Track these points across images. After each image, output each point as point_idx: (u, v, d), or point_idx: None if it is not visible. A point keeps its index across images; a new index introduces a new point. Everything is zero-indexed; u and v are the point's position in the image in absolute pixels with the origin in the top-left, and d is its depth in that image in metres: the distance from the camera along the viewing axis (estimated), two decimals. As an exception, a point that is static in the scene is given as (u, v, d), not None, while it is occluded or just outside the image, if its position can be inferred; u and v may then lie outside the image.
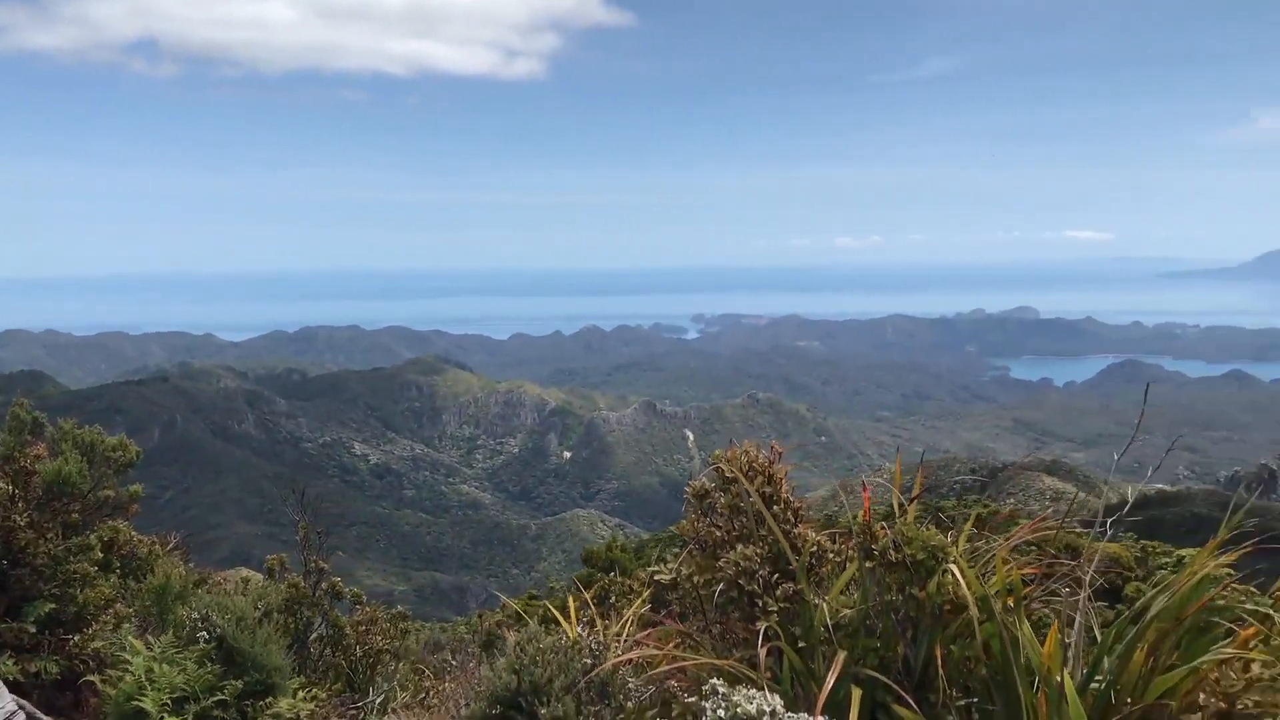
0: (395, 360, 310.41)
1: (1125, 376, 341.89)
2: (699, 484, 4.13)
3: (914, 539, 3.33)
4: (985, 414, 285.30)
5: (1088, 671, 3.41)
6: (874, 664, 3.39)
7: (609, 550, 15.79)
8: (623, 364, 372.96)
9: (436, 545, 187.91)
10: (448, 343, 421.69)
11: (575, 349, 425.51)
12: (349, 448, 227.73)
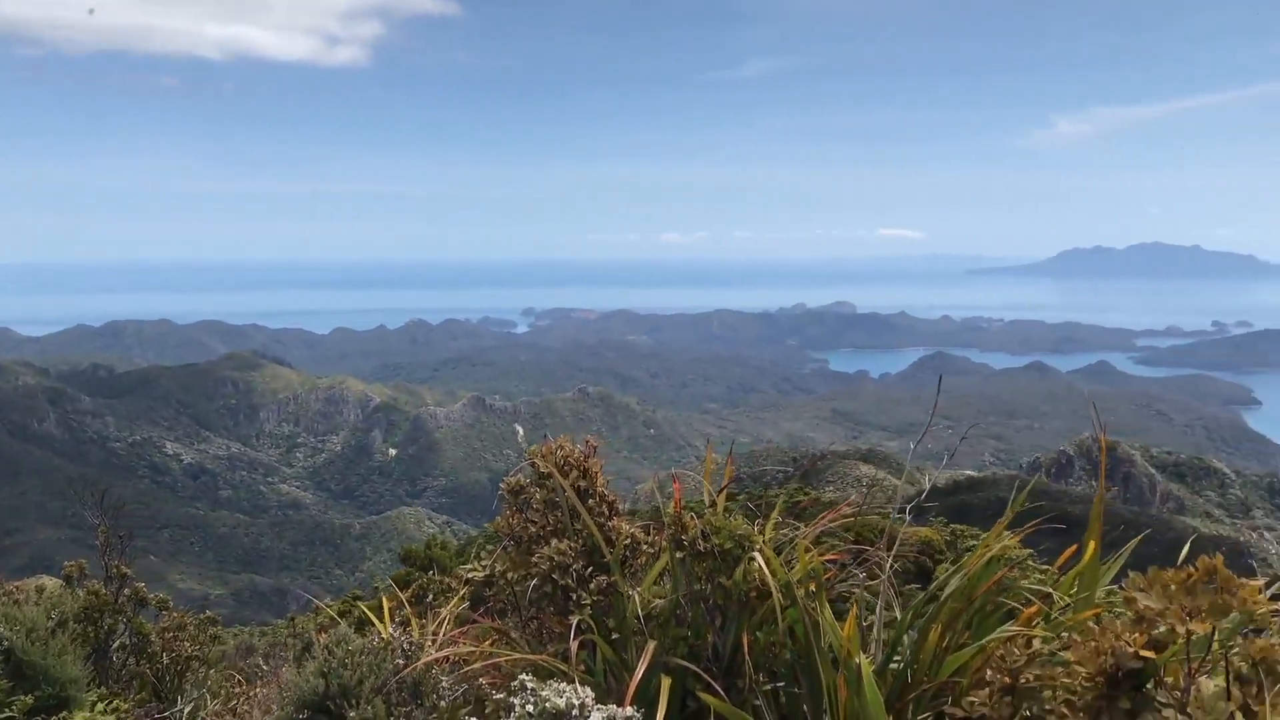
0: (209, 355, 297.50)
1: (936, 368, 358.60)
2: (514, 480, 4.12)
3: (722, 529, 3.40)
4: (806, 405, 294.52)
5: (887, 652, 3.57)
6: (684, 652, 3.46)
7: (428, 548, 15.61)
8: (450, 358, 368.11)
9: (255, 547, 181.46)
10: (266, 337, 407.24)
11: (401, 343, 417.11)
12: (160, 447, 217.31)
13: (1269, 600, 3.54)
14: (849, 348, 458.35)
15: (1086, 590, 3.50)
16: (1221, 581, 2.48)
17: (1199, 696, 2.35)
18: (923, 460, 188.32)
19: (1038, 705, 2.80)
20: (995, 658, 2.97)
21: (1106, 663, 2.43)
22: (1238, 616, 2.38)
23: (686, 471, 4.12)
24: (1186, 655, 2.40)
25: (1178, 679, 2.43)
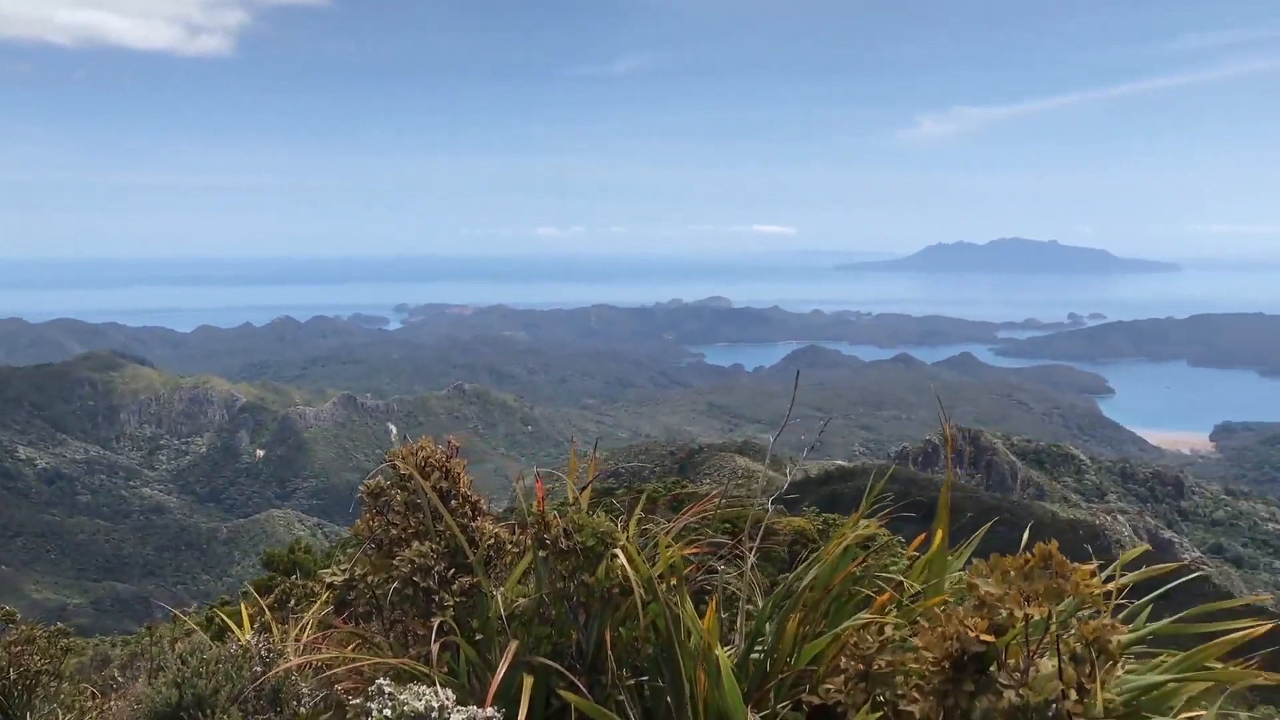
0: (64, 355, 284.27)
1: (808, 361, 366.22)
2: (373, 482, 4.05)
3: (584, 526, 3.41)
4: (683, 399, 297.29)
5: (748, 642, 3.62)
6: (548, 651, 3.45)
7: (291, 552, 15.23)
8: (320, 356, 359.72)
9: (117, 553, 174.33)
10: (125, 336, 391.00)
11: (268, 341, 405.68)
12: (12, 451, 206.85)
13: (1101, 583, 3.73)
14: (724, 342, 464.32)
15: (936, 577, 3.62)
16: (1056, 567, 2.57)
17: (1037, 676, 2.44)
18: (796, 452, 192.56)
19: (890, 690, 2.87)
20: (849, 645, 3.03)
21: (952, 647, 2.51)
22: (1072, 600, 2.51)
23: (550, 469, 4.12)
24: (1025, 638, 2.50)
25: (1019, 660, 2.51)
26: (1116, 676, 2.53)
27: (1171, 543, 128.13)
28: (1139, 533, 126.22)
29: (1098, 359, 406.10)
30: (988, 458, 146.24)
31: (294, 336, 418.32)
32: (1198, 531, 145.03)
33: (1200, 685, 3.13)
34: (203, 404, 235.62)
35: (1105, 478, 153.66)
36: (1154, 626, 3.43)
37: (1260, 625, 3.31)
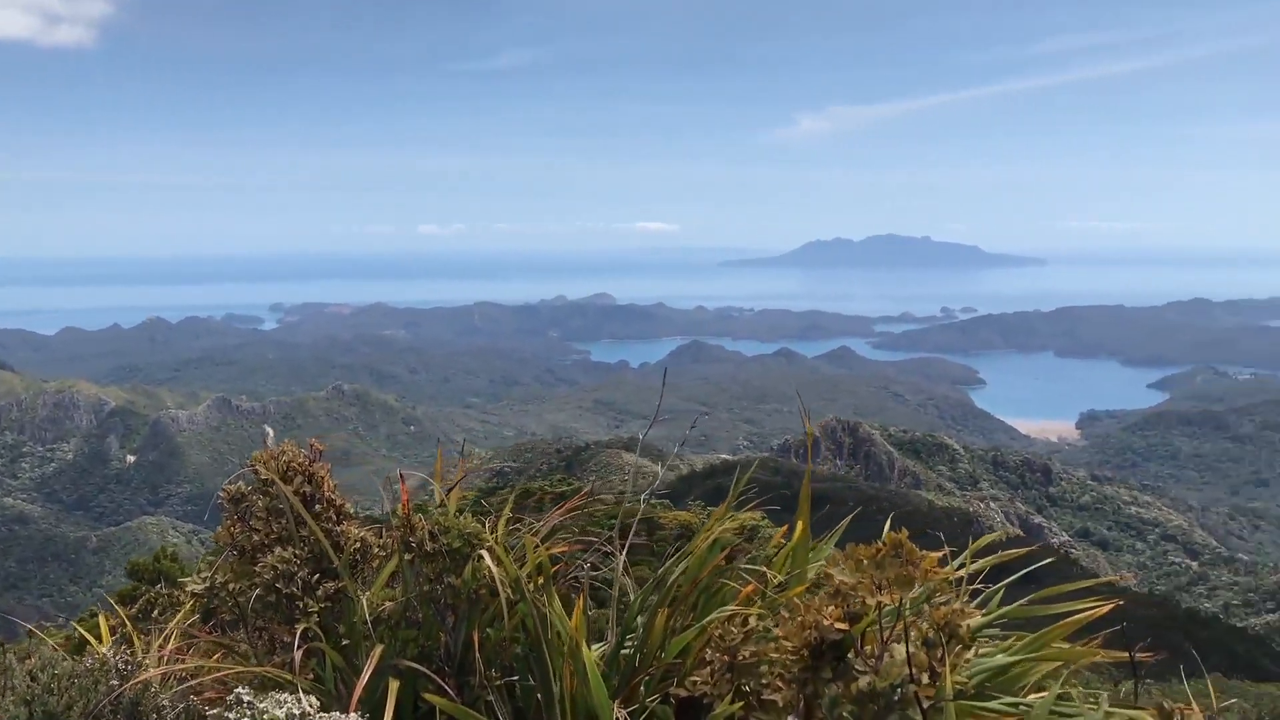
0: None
1: (692, 356, 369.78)
2: (233, 488, 3.95)
3: (451, 528, 3.39)
4: (569, 396, 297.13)
5: (619, 638, 3.65)
6: (414, 654, 3.42)
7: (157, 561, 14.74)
8: (193, 358, 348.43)
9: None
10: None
11: (137, 343, 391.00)
12: None
13: (950, 570, 3.86)
14: (609, 339, 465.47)
15: (798, 567, 3.69)
16: (906, 555, 2.65)
17: (886, 662, 2.52)
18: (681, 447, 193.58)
19: (754, 680, 2.89)
20: (715, 637, 3.04)
21: (811, 636, 2.59)
22: (928, 586, 2.58)
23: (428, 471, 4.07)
24: (879, 625, 2.57)
25: (875, 647, 2.57)
26: (967, 659, 2.60)
27: (1041, 527, 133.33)
28: (1010, 518, 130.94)
29: (969, 351, 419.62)
30: (866, 448, 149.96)
31: (165, 338, 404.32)
32: (1066, 516, 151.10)
33: (1048, 665, 3.20)
34: (68, 409, 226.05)
35: (978, 466, 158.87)
36: (1004, 610, 3.57)
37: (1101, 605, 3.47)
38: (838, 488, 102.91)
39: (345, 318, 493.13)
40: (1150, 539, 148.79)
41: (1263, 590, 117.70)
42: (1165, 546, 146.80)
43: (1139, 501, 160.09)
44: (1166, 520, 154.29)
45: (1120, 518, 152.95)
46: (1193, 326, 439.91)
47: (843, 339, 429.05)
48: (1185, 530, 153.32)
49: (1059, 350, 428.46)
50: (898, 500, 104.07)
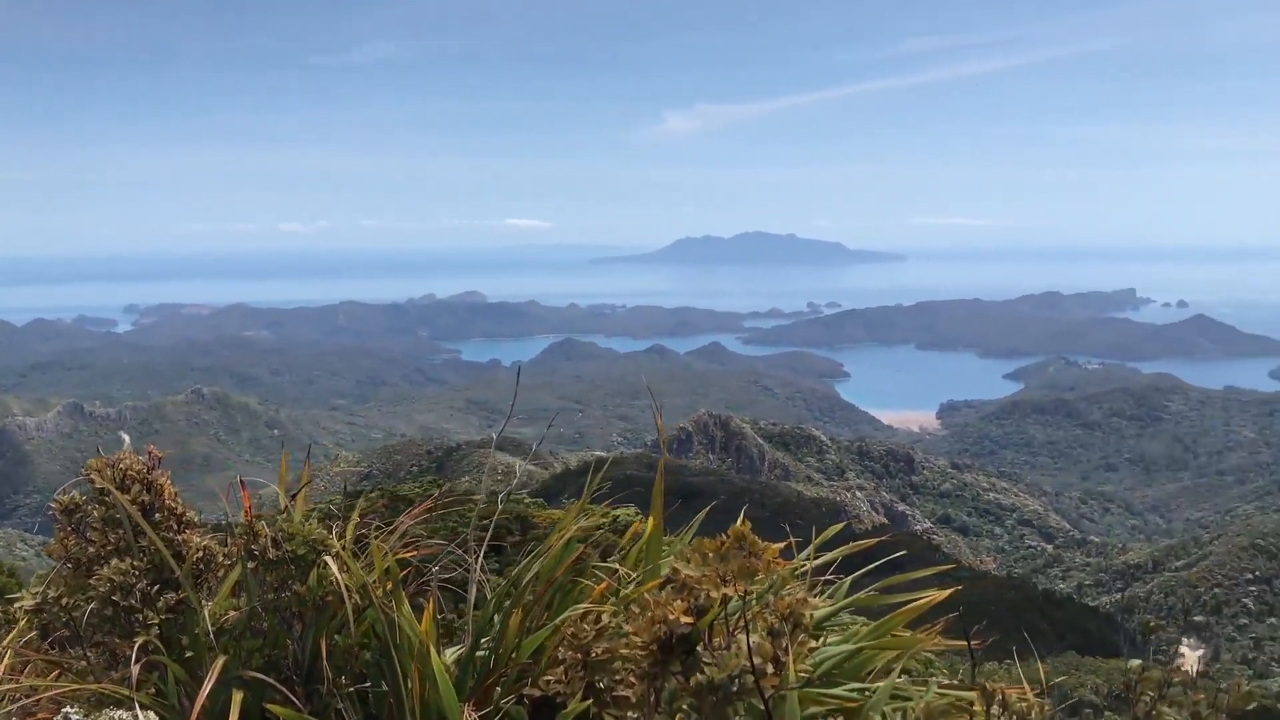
0: None
1: (564, 354, 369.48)
2: (65, 498, 3.76)
3: (295, 534, 3.29)
4: (439, 396, 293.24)
5: (474, 640, 3.60)
6: (260, 664, 3.31)
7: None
8: (41, 362, 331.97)
9: None
10: None
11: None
12: None
13: (785, 560, 3.94)
14: (481, 337, 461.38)
15: (652, 562, 3.71)
16: (749, 547, 2.69)
17: (722, 654, 2.54)
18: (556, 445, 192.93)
19: (608, 676, 2.92)
20: (568, 636, 3.04)
21: (660, 631, 2.58)
22: (779, 576, 2.60)
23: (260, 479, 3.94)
24: (725, 617, 2.58)
25: (723, 639, 2.57)
26: (811, 648, 2.59)
27: (905, 515, 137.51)
28: (876, 507, 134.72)
29: (835, 345, 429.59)
30: (738, 441, 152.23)
31: (10, 341, 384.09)
32: (928, 503, 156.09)
33: (891, 652, 3.30)
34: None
35: (844, 457, 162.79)
36: (852, 599, 3.65)
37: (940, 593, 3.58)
38: (710, 481, 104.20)
39: (204, 319, 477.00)
40: (1008, 524, 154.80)
41: (1112, 570, 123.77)
42: (1022, 531, 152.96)
43: (997, 488, 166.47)
44: (1023, 505, 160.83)
45: (979, 504, 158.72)
46: (1045, 319, 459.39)
47: (714, 335, 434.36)
48: (1040, 515, 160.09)
49: (919, 343, 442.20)
50: (768, 492, 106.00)
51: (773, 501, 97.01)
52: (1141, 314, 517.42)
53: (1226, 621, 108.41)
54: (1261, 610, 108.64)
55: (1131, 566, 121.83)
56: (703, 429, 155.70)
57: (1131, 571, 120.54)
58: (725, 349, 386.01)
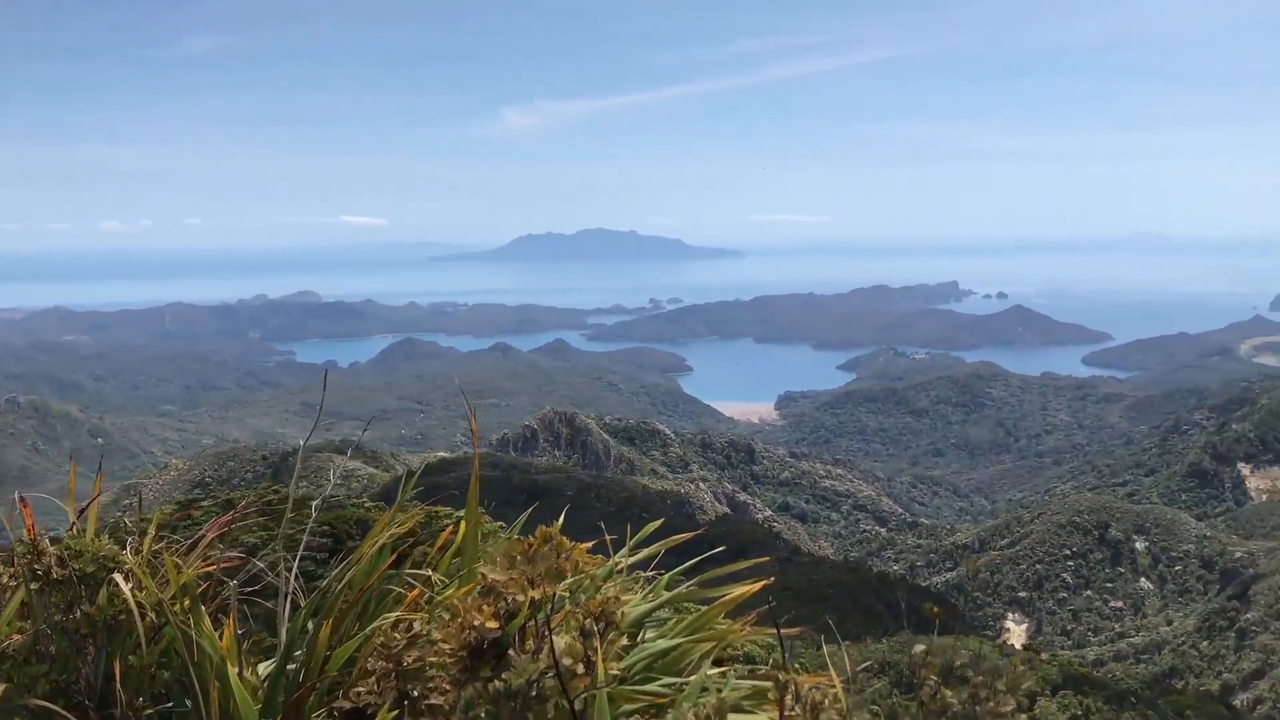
0: None
1: (404, 354, 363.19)
2: None
3: (83, 551, 3.10)
4: (273, 399, 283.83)
5: (283, 654, 3.43)
6: (46, 690, 3.11)
7: None
8: None
9: None
10: None
11: None
12: None
13: (621, 557, 3.91)
14: (316, 338, 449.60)
15: (469, 566, 3.61)
16: (557, 547, 2.65)
17: (525, 658, 2.51)
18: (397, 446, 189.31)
19: (421, 685, 2.83)
20: (378, 645, 2.97)
21: (470, 637, 2.54)
22: (581, 577, 2.58)
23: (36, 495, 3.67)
24: (535, 619, 2.55)
25: (535, 642, 2.53)
26: (623, 646, 2.60)
27: (747, 504, 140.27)
28: (719, 497, 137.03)
29: (677, 340, 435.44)
30: (583, 438, 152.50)
31: None
32: (769, 492, 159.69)
33: (707, 645, 3.29)
34: None
35: (688, 449, 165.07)
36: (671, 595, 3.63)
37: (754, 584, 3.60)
38: (556, 478, 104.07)
39: (18, 323, 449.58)
40: (844, 509, 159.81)
41: (941, 550, 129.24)
42: (857, 516, 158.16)
43: (833, 475, 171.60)
44: (858, 491, 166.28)
45: (817, 491, 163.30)
46: (875, 311, 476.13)
47: (557, 331, 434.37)
48: (874, 500, 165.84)
49: (758, 336, 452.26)
50: (614, 487, 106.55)
51: (619, 496, 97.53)
52: (964, 305, 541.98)
53: (1048, 596, 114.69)
54: (1079, 583, 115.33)
55: (960, 547, 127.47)
56: (548, 426, 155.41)
57: (960, 551, 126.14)
58: (570, 346, 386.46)
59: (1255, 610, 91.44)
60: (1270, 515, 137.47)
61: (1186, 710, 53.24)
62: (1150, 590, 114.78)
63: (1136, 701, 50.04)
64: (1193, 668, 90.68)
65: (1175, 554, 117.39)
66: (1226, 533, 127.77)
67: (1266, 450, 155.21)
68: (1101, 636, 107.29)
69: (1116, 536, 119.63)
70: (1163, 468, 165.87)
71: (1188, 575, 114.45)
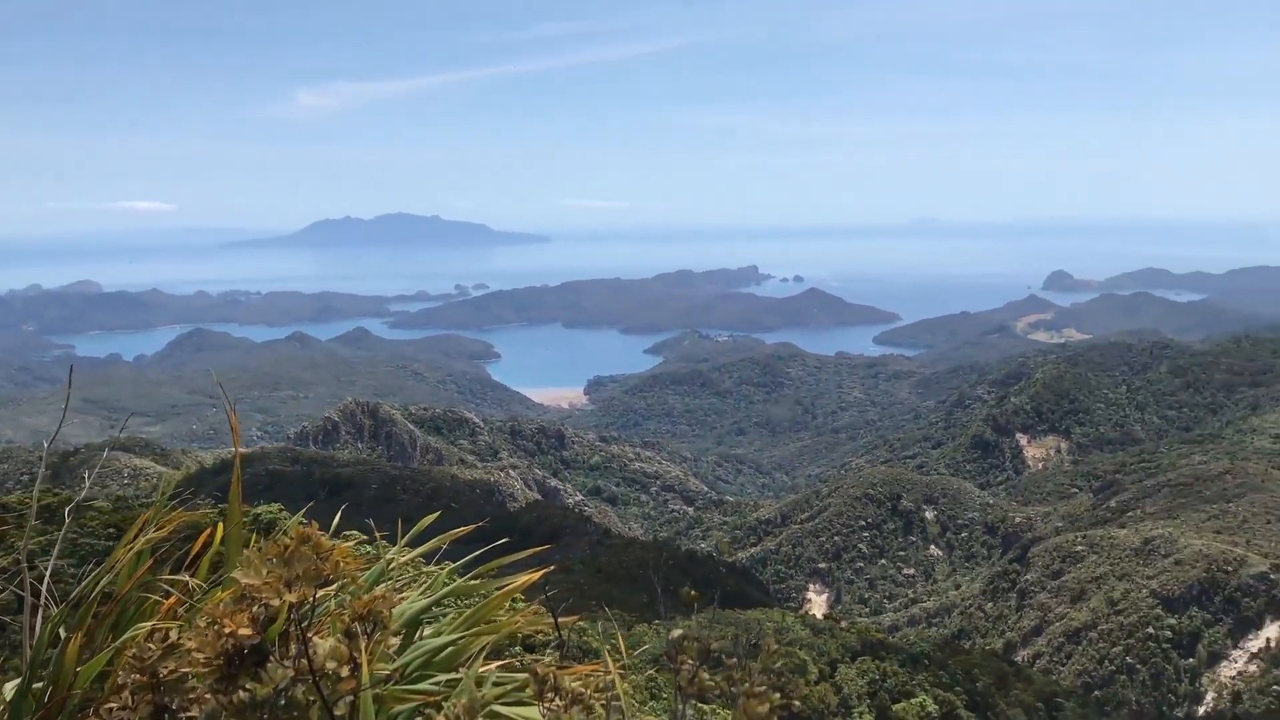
0: None
1: (195, 346, 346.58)
2: None
3: None
4: (51, 396, 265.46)
5: (29, 671, 3.17)
6: None
7: None
8: None
9: None
10: None
11: None
12: None
13: (401, 549, 3.75)
14: (97, 330, 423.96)
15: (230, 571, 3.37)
16: (316, 547, 2.55)
17: (315, 657, 2.41)
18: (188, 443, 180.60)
19: (180, 697, 2.73)
20: (130, 657, 2.84)
21: (227, 645, 2.44)
22: (349, 577, 2.53)
23: None
24: (295, 622, 2.46)
25: (297, 646, 2.45)
26: (392, 645, 2.55)
27: (558, 490, 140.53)
28: (530, 484, 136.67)
29: (484, 326, 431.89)
30: (388, 429, 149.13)
31: None
32: (579, 477, 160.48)
33: (487, 638, 3.18)
34: None
35: (497, 437, 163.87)
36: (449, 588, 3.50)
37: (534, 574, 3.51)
38: (360, 471, 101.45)
39: None
40: (653, 490, 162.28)
41: (746, 527, 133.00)
42: (666, 496, 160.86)
43: (642, 457, 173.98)
44: (666, 472, 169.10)
45: (627, 474, 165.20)
46: (679, 295, 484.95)
47: (358, 319, 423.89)
48: (682, 480, 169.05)
49: (566, 322, 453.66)
50: (421, 478, 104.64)
51: (426, 487, 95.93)
52: (764, 289, 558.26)
53: (846, 566, 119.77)
54: (874, 553, 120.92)
55: (763, 522, 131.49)
56: (350, 418, 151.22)
57: (763, 526, 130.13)
58: (371, 334, 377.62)
59: (1034, 572, 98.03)
60: (1046, 482, 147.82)
61: (974, 669, 56.59)
62: (940, 557, 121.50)
63: (929, 664, 52.82)
64: (979, 628, 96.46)
65: (961, 521, 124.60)
66: (1007, 500, 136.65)
67: (1041, 421, 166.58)
68: (896, 603, 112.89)
69: (908, 507, 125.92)
70: (948, 440, 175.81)
71: (973, 541, 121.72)
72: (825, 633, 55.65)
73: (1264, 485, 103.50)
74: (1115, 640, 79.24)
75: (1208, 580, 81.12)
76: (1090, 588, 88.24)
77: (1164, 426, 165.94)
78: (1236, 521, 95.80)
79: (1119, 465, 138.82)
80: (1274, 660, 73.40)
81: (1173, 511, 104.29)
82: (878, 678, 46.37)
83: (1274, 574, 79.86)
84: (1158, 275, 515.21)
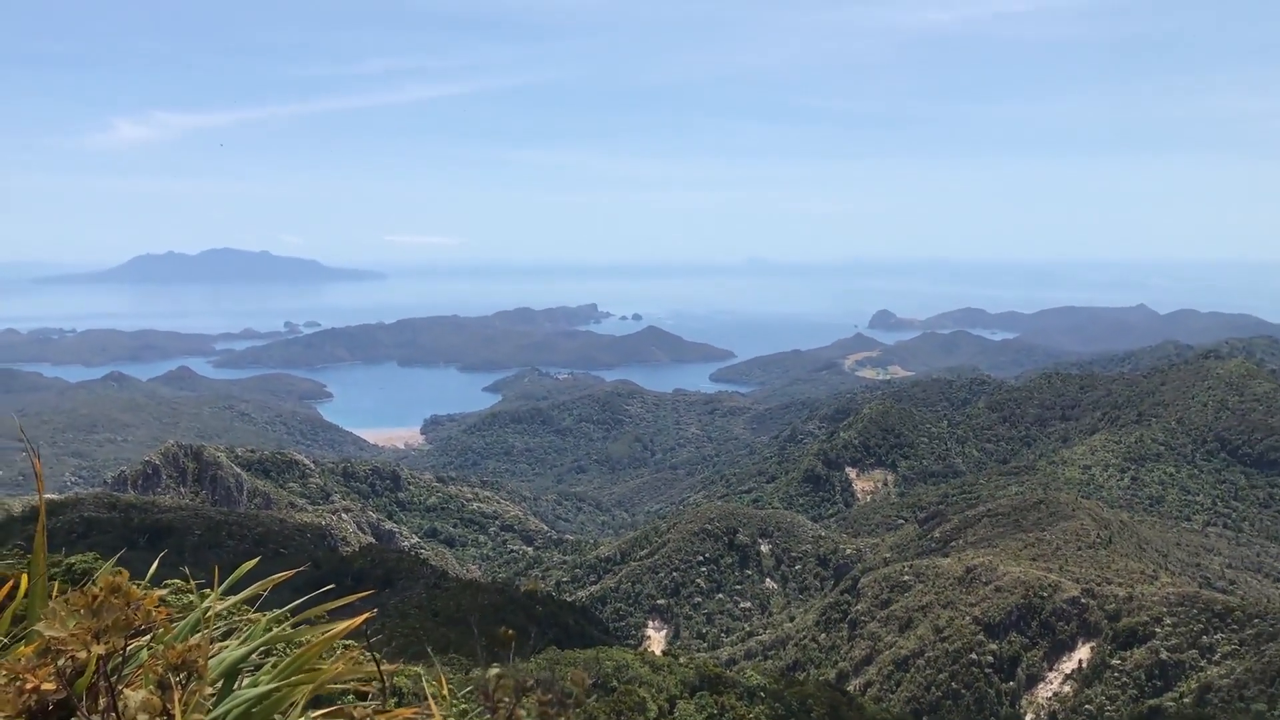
0: None
1: (2, 387, 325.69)
2: None
3: None
4: None
5: None
6: None
7: None
8: None
9: None
10: None
11: None
12: None
13: (216, 597, 3.64)
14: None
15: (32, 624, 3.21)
16: (125, 598, 2.48)
17: (126, 710, 2.33)
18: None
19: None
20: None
21: (29, 701, 2.33)
22: (189, 622, 2.49)
23: None
24: (103, 675, 2.38)
25: (105, 699, 2.39)
26: (208, 695, 2.45)
27: (393, 533, 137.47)
28: (363, 527, 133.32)
29: (315, 365, 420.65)
30: (213, 472, 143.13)
31: None
32: (415, 518, 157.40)
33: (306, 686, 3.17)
34: None
35: (330, 479, 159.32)
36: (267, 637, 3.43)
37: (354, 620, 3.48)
38: (183, 517, 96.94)
39: None
40: (491, 531, 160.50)
41: (585, 565, 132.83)
42: (505, 536, 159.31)
43: (480, 497, 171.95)
44: (505, 512, 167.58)
45: (464, 514, 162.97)
46: (518, 333, 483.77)
47: (181, 359, 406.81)
48: (521, 520, 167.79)
49: (402, 360, 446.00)
50: (248, 523, 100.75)
51: (253, 533, 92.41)
52: (603, 326, 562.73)
53: (684, 601, 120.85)
54: (711, 587, 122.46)
55: (603, 560, 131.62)
56: (172, 461, 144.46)
57: (603, 564, 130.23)
58: (195, 373, 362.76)
59: (864, 602, 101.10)
60: (874, 513, 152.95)
61: (809, 699, 57.79)
62: (775, 590, 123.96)
63: (765, 696, 53.70)
64: (813, 659, 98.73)
65: (795, 554, 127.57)
66: (838, 532, 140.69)
67: (869, 455, 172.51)
68: (734, 636, 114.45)
69: (744, 541, 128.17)
70: (782, 474, 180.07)
71: (806, 573, 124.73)
72: (664, 669, 55.94)
73: (1074, 514, 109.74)
74: (941, 667, 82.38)
75: (1025, 606, 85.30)
76: (917, 616, 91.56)
77: (983, 459, 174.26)
78: (1050, 549, 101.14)
79: (942, 496, 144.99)
80: (1085, 680, 77.55)
81: (992, 540, 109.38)
82: (716, 712, 46.85)
83: (1085, 598, 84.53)
84: (974, 315, 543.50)
